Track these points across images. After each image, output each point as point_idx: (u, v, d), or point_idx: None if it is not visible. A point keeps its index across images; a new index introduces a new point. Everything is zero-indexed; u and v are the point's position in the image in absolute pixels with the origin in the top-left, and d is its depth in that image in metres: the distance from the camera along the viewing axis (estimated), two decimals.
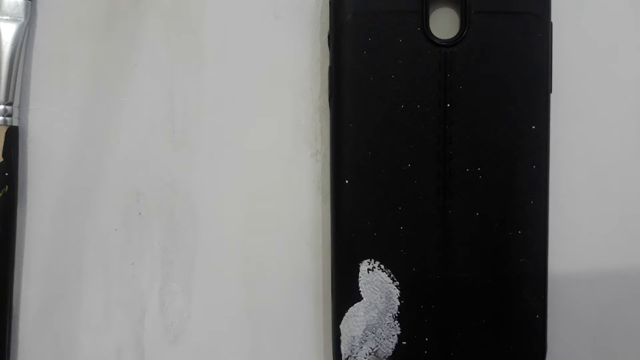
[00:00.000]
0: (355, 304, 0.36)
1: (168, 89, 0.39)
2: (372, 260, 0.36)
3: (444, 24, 0.37)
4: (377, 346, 0.36)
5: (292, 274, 0.39)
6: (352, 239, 0.36)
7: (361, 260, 0.36)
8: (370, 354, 0.36)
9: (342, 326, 0.36)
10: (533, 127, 0.36)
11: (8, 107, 0.38)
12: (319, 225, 0.39)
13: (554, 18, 0.37)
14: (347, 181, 0.36)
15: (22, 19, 0.38)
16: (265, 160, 0.39)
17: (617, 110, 0.39)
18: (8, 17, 0.38)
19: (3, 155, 0.37)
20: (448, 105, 0.36)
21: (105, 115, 0.39)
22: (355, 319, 0.36)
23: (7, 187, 0.37)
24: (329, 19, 0.37)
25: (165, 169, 0.39)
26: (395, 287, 0.36)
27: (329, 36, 0.37)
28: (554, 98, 0.37)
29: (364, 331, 0.36)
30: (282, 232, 0.39)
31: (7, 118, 0.38)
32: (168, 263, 0.39)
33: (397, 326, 0.36)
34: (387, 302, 0.36)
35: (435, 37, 0.36)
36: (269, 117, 0.39)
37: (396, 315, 0.36)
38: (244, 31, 0.39)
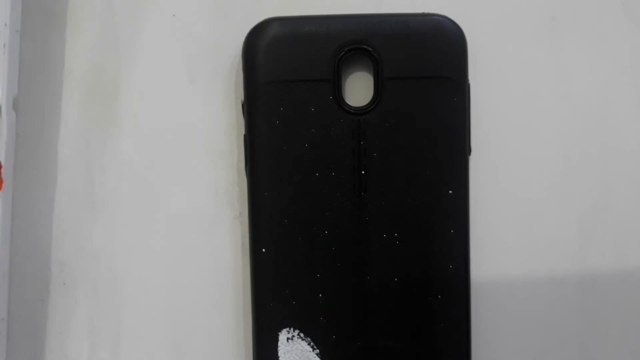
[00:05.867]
0: None
1: (86, 159, 0.39)
2: (292, 329, 0.36)
3: (358, 90, 0.37)
4: None
5: (217, 339, 0.39)
6: (271, 307, 0.36)
7: (280, 330, 0.36)
8: None
9: None
10: (450, 191, 0.36)
11: None
12: (243, 289, 0.39)
13: (471, 77, 0.36)
14: (264, 250, 0.36)
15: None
16: (187, 225, 0.39)
17: (540, 161, 0.39)
18: None
19: None
20: (363, 172, 0.36)
21: (24, 189, 0.39)
22: None
23: None
24: (243, 88, 0.37)
25: (87, 238, 0.39)
26: (316, 356, 0.36)
27: (242, 105, 0.37)
28: (473, 157, 0.37)
29: None
30: (206, 297, 0.39)
31: None
32: (94, 332, 0.39)
33: None
34: None
35: (348, 105, 0.36)
36: (188, 182, 0.39)
37: None
38: (159, 97, 0.39)
